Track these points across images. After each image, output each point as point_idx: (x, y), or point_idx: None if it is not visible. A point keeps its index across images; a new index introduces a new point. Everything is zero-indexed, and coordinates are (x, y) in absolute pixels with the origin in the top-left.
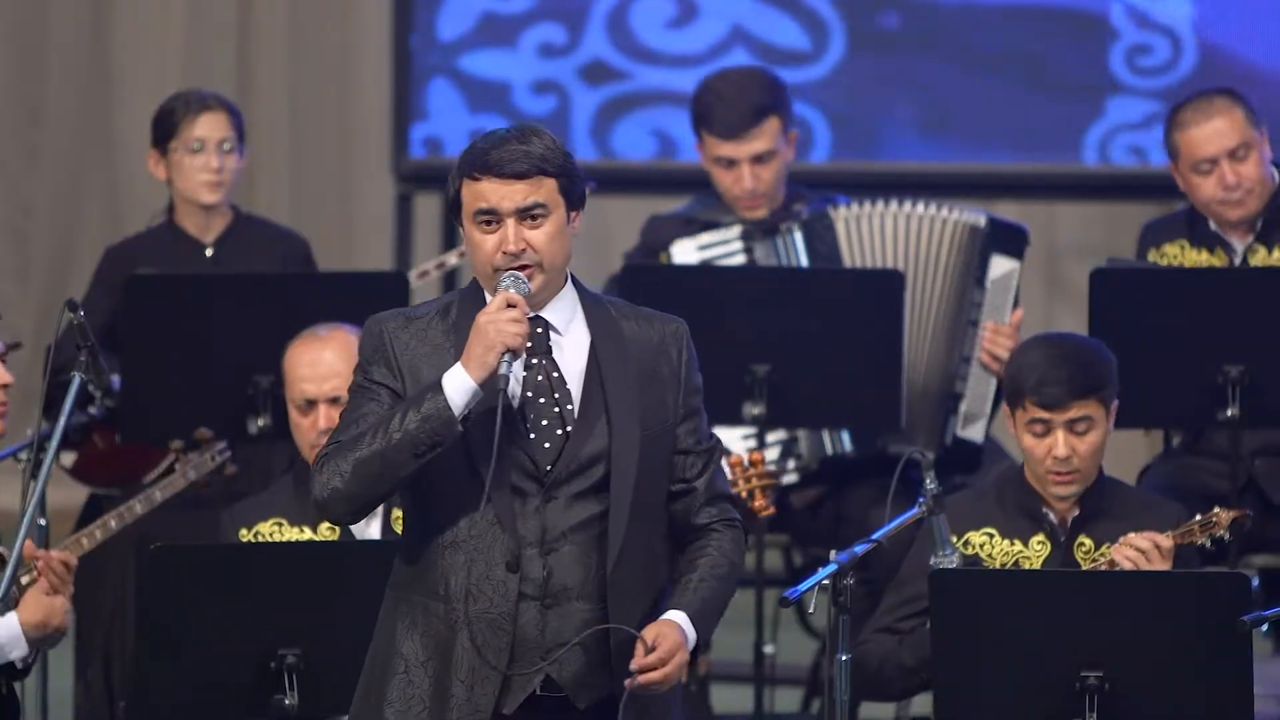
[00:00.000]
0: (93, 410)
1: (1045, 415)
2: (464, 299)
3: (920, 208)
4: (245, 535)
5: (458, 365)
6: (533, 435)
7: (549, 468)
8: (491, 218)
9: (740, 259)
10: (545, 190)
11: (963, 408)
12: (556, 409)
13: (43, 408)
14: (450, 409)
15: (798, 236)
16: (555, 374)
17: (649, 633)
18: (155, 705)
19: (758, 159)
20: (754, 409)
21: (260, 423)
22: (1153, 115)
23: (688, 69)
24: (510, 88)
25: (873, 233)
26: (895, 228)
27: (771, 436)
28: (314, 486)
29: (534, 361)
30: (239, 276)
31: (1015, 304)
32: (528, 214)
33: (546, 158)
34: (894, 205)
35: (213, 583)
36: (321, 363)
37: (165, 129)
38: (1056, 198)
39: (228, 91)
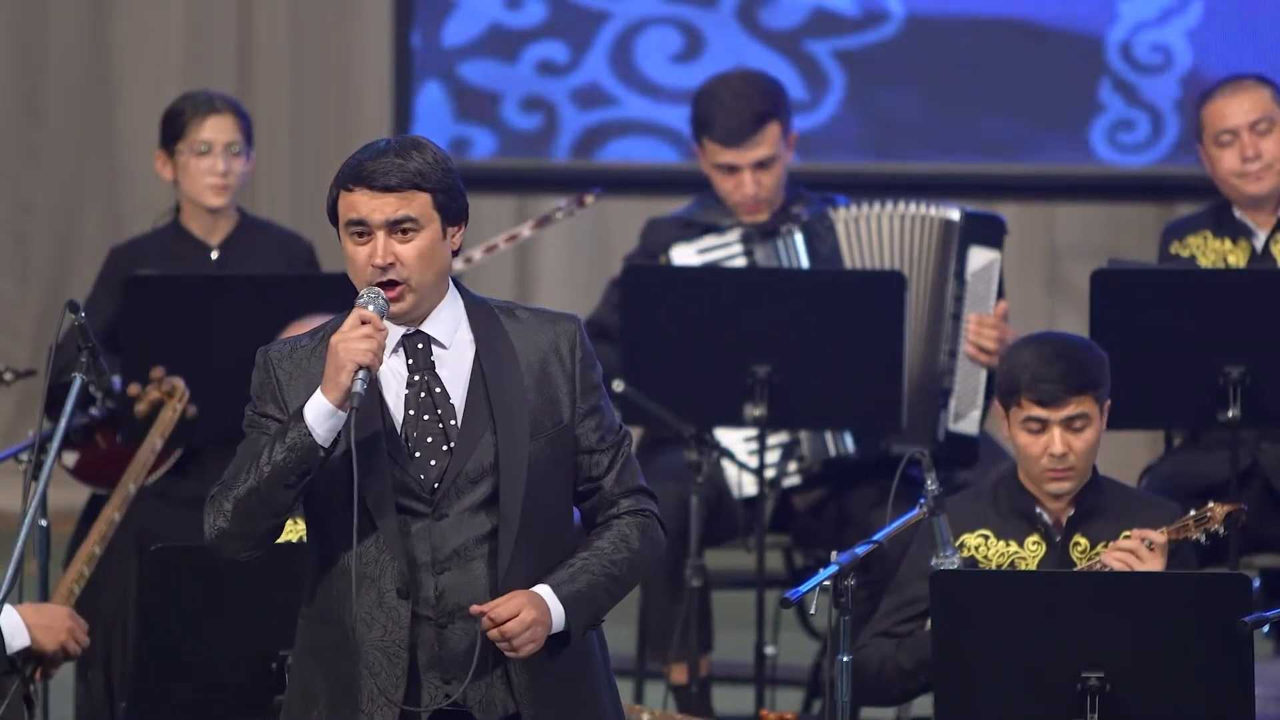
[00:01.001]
0: (94, 411)
1: (1042, 413)
2: (337, 325)
3: (911, 206)
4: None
5: (317, 391)
6: (417, 454)
7: (435, 485)
8: (363, 229)
9: (740, 262)
10: (417, 205)
11: (953, 402)
12: (440, 425)
13: (44, 408)
14: (311, 435)
15: (798, 239)
16: (438, 389)
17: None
18: (156, 706)
19: (759, 165)
20: (755, 411)
21: None
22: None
23: (682, 105)
24: (500, 99)
25: (872, 233)
26: (893, 228)
27: (773, 439)
28: (205, 528)
29: (415, 379)
30: (240, 277)
31: (1000, 294)
32: (398, 227)
33: (422, 172)
34: (890, 205)
35: (213, 583)
36: None
37: (173, 130)
38: (1057, 198)
39: (228, 92)
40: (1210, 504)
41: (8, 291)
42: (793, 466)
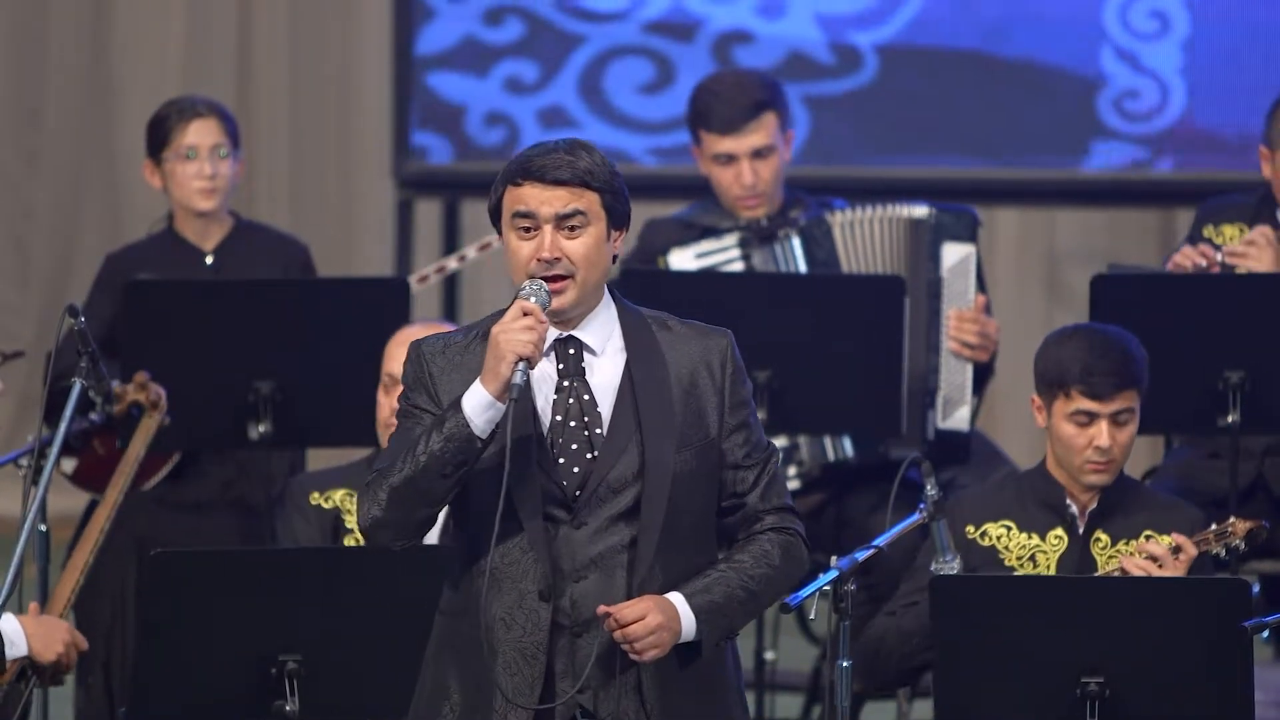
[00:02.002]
0: (93, 416)
1: (1093, 406)
2: (495, 321)
3: (888, 208)
4: (316, 499)
5: (476, 381)
6: (561, 460)
7: (577, 493)
8: (530, 223)
9: (738, 266)
10: (586, 201)
11: (940, 400)
12: (585, 432)
13: (43, 414)
14: (469, 426)
15: (796, 243)
16: (586, 396)
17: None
18: (155, 711)
19: (757, 154)
20: None
21: (261, 429)
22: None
23: (644, 135)
24: (464, 112)
25: (867, 237)
26: (885, 231)
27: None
28: (358, 517)
29: (565, 384)
30: (239, 282)
31: (981, 288)
32: (566, 222)
33: (591, 170)
34: (880, 208)
35: (213, 588)
36: None
37: (158, 138)
38: (1057, 203)
39: (227, 96)
40: (1232, 519)
41: (7, 296)
42: (792, 471)
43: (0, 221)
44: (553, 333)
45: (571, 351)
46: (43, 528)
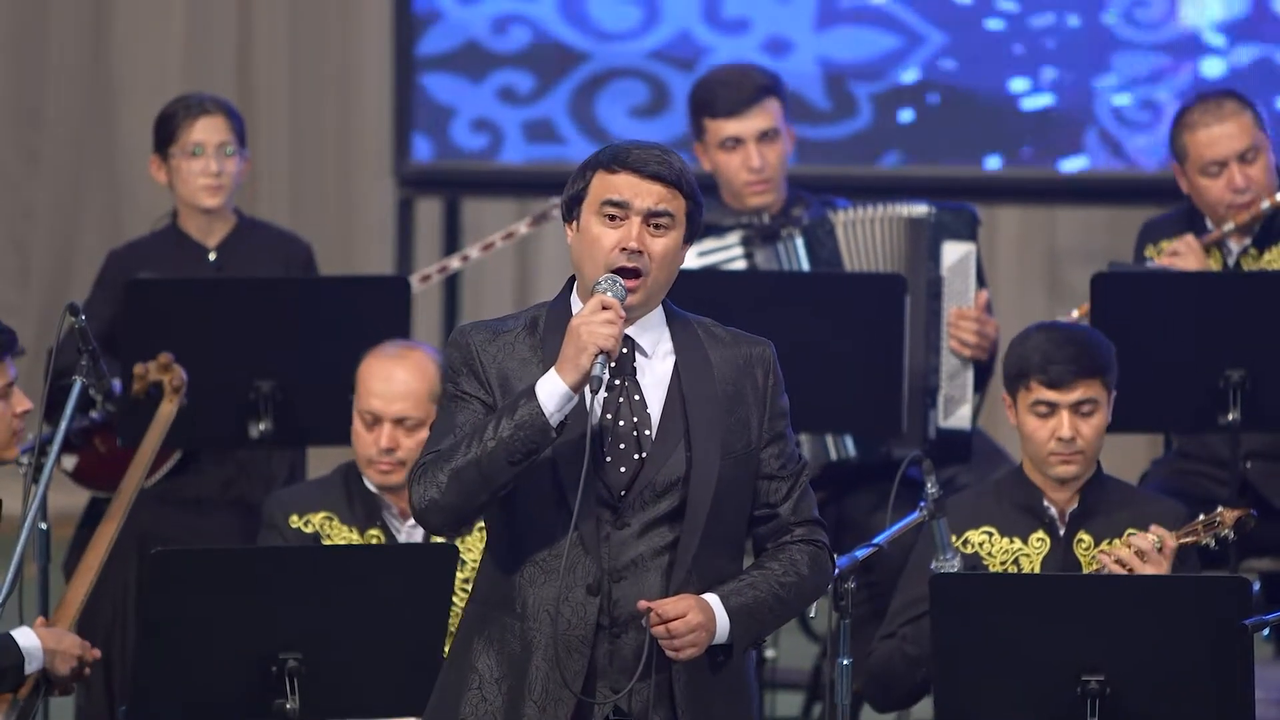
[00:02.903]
0: (94, 414)
1: (1051, 396)
2: (552, 311)
3: (890, 208)
4: (296, 522)
5: (551, 370)
6: (609, 459)
7: (623, 493)
8: (619, 211)
9: (740, 264)
10: (677, 203)
11: (941, 399)
12: (635, 433)
13: (44, 412)
14: (544, 414)
15: (799, 243)
16: (637, 397)
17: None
18: (156, 709)
19: (763, 136)
20: None
21: (261, 427)
22: (1151, 120)
23: None
24: (453, 114)
25: (870, 237)
26: (886, 231)
27: None
28: (411, 497)
29: (616, 383)
30: (240, 280)
31: (982, 283)
32: (655, 219)
33: (684, 174)
34: (883, 208)
35: (214, 586)
36: (395, 380)
37: (165, 134)
38: (1057, 202)
39: (228, 95)
40: (1220, 509)
41: (7, 296)
42: None
43: (0, 221)
44: None
45: (625, 351)
46: (43, 526)
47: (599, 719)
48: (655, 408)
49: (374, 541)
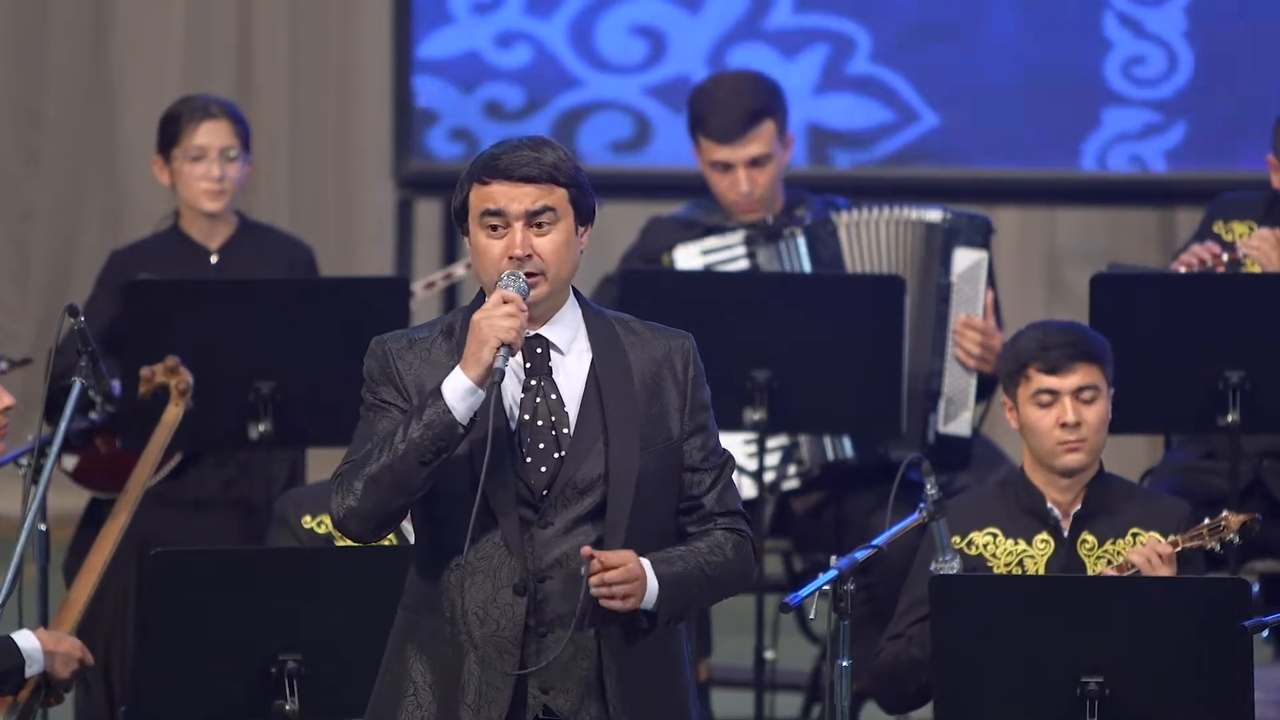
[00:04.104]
0: (94, 415)
1: (1051, 382)
2: (467, 317)
3: (904, 210)
4: (309, 522)
5: (456, 369)
6: (528, 459)
7: (544, 492)
8: (499, 221)
9: (743, 264)
10: (555, 197)
11: (943, 404)
12: (553, 432)
13: (44, 413)
14: (450, 413)
15: (801, 242)
16: (554, 396)
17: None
18: (156, 710)
19: (753, 163)
20: (755, 415)
21: (261, 428)
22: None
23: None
24: (435, 119)
25: (872, 237)
26: (889, 232)
27: (772, 442)
28: (331, 507)
29: (532, 383)
30: (240, 282)
31: (990, 284)
32: (536, 219)
33: (558, 166)
34: (889, 210)
35: (213, 588)
36: None
37: (169, 135)
38: (1057, 203)
39: (228, 95)
40: (1225, 513)
41: (7, 296)
42: (792, 470)
43: (0, 222)
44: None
45: (539, 350)
46: (43, 527)
47: (531, 718)
48: (573, 406)
49: (386, 543)
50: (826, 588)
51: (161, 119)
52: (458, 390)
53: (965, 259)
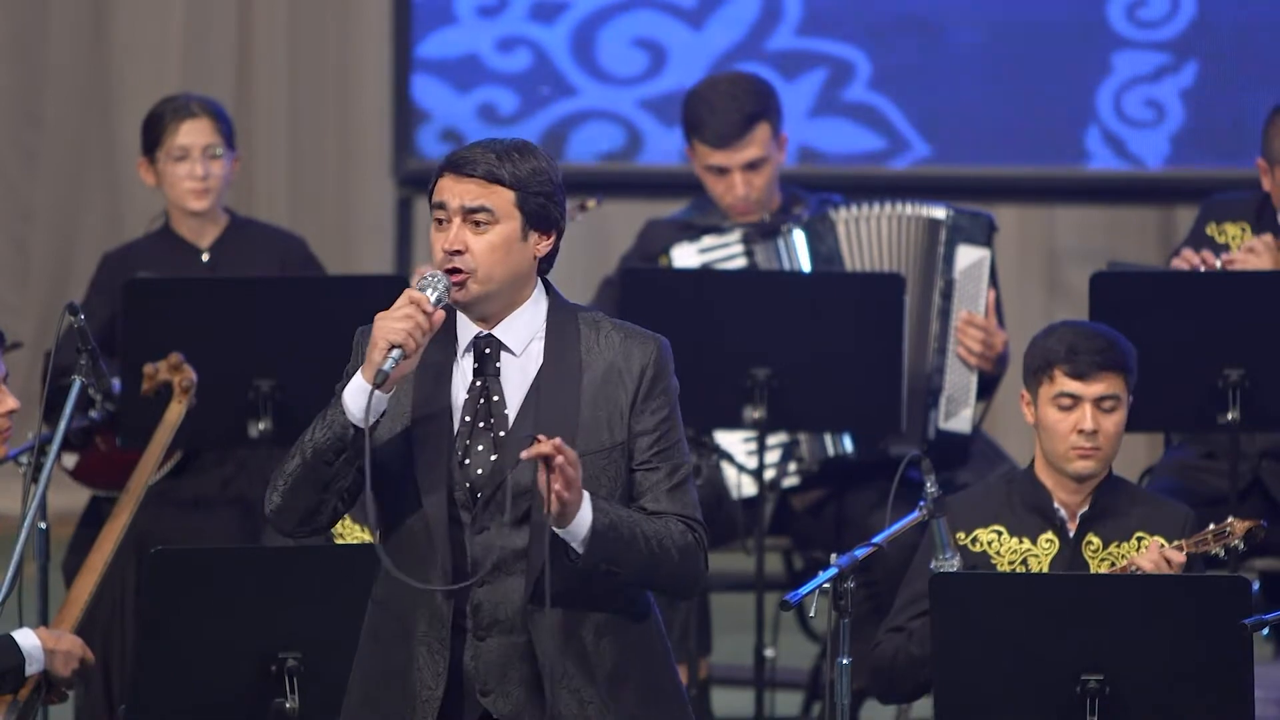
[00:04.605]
0: (93, 414)
1: (1075, 387)
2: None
3: (906, 207)
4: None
5: (358, 371)
6: (467, 461)
7: (479, 495)
8: (443, 214)
9: (741, 262)
10: (497, 198)
11: (943, 400)
12: (491, 435)
13: (43, 411)
14: (345, 413)
15: (799, 238)
16: (496, 397)
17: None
18: (156, 709)
19: (749, 166)
20: (754, 413)
21: (261, 427)
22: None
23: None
24: (426, 118)
25: (871, 234)
26: (890, 228)
27: (772, 440)
28: (265, 505)
29: (477, 384)
30: (238, 280)
31: (993, 283)
32: (472, 216)
33: (515, 172)
34: (888, 206)
35: (213, 586)
36: None
37: (151, 137)
38: (1056, 201)
39: (227, 95)
40: (1230, 519)
41: (7, 296)
42: (791, 468)
43: (0, 221)
44: (473, 329)
45: (487, 351)
46: (42, 525)
47: (472, 718)
48: (513, 408)
49: None
50: (826, 585)
51: (145, 121)
52: (354, 390)
53: (968, 256)
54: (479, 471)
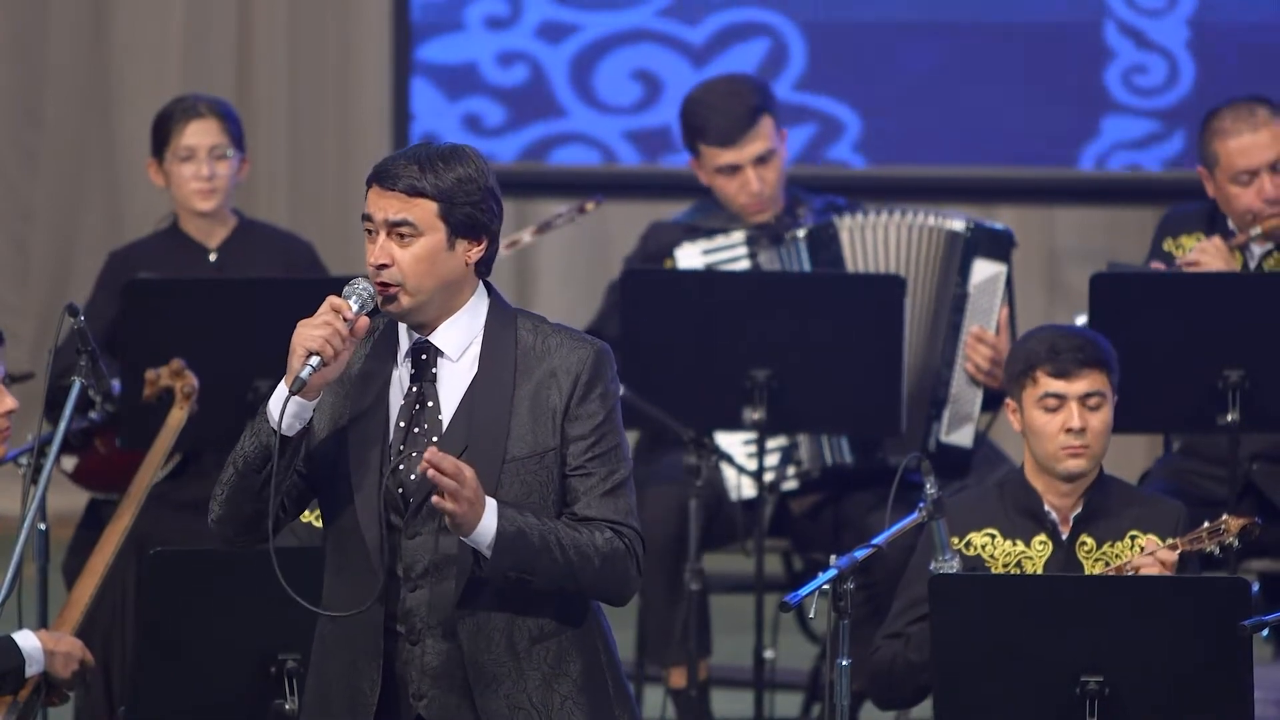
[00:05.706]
0: (93, 415)
1: (1058, 387)
2: (387, 324)
3: (919, 216)
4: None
5: (284, 378)
6: (400, 467)
7: (410, 500)
8: (371, 226)
9: (745, 265)
10: (419, 211)
11: (947, 413)
12: (425, 440)
13: (44, 412)
14: (268, 421)
15: (802, 246)
16: (430, 404)
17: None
18: (156, 709)
19: (760, 160)
20: (754, 414)
21: None
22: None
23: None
24: (409, 120)
25: (876, 242)
26: (899, 237)
27: (772, 443)
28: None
29: (413, 390)
30: (239, 281)
31: (1009, 300)
32: (396, 230)
33: (437, 184)
34: (897, 215)
35: (214, 587)
36: None
37: (160, 137)
38: (1056, 202)
39: (227, 95)
40: (1225, 516)
41: (7, 296)
42: (791, 470)
43: (0, 221)
44: (410, 337)
45: (424, 357)
46: (42, 526)
47: None
48: (447, 414)
49: None
50: (826, 587)
51: (154, 121)
52: (276, 398)
53: (984, 270)
54: (412, 477)
